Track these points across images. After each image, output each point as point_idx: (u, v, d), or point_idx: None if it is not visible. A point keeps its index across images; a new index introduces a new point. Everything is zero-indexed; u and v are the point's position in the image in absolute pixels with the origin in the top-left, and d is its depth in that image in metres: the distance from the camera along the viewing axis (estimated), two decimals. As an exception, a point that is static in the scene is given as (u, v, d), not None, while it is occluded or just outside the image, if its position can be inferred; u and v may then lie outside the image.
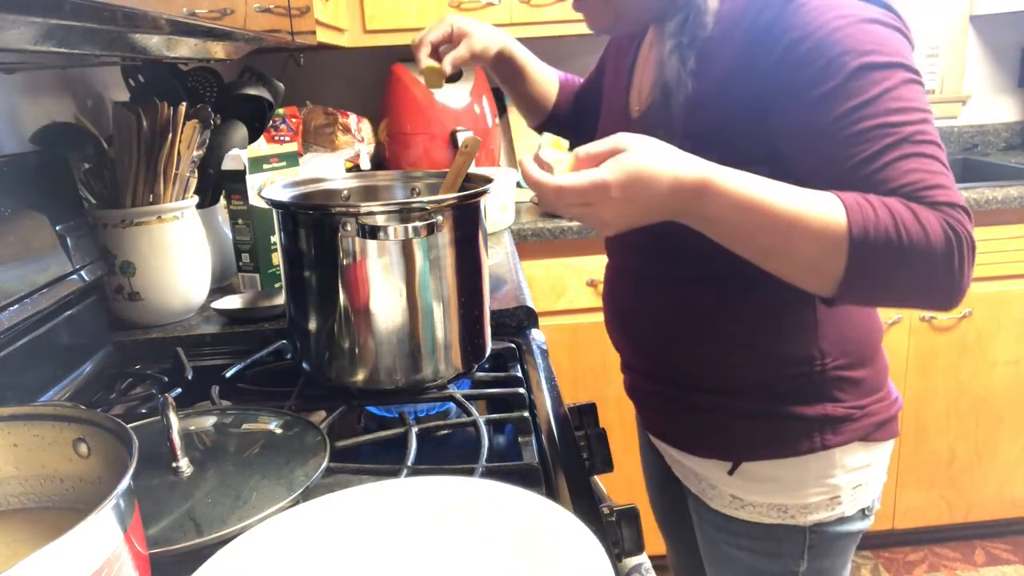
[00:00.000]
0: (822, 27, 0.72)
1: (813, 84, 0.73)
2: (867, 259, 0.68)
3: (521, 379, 1.00)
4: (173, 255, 1.19)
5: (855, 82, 0.71)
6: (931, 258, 0.68)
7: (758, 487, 0.92)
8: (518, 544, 0.61)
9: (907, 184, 0.69)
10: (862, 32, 0.72)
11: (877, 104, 0.70)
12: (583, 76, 1.31)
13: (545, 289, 1.97)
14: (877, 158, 0.70)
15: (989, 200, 1.95)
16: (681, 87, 0.82)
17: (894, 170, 0.69)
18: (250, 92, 1.44)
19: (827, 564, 0.96)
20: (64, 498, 0.57)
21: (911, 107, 0.70)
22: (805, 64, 0.73)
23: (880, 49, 0.71)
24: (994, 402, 2.12)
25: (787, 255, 0.71)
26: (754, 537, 0.95)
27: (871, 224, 0.67)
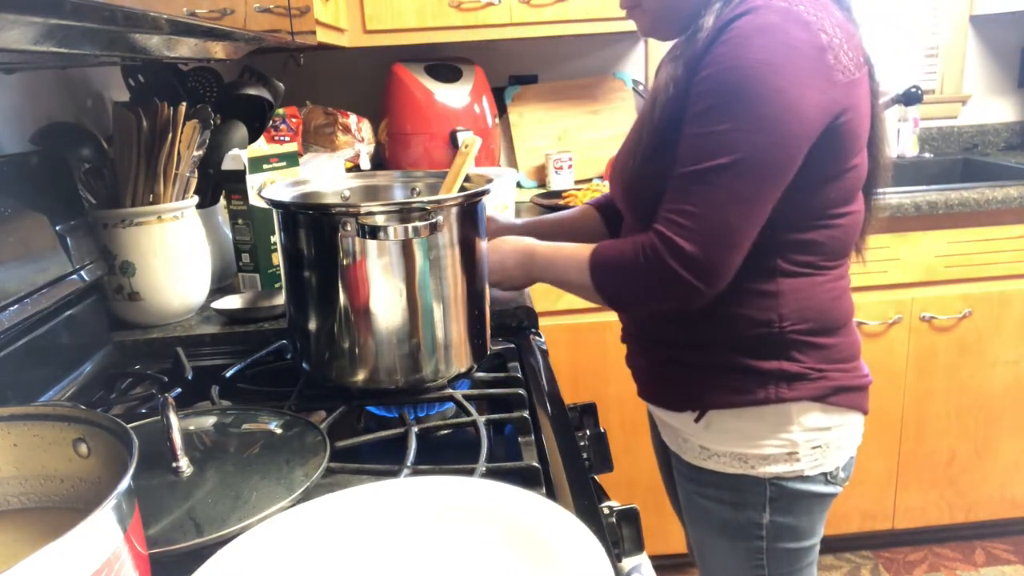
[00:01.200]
0: (723, 64, 0.86)
1: (692, 105, 0.89)
2: (599, 278, 0.96)
3: (521, 379, 1.00)
4: (173, 255, 1.19)
5: (698, 119, 0.87)
6: (630, 270, 0.92)
7: (722, 436, 1.02)
8: (518, 544, 0.61)
9: (661, 209, 0.90)
10: (746, 80, 0.84)
11: (697, 138, 0.87)
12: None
13: (545, 289, 1.96)
14: (673, 180, 0.90)
15: (989, 200, 1.95)
16: (664, 91, 0.95)
17: (667, 195, 0.90)
18: (250, 92, 1.44)
19: (791, 521, 1.04)
20: (64, 498, 0.57)
21: (724, 153, 0.85)
22: (698, 86, 0.88)
23: (737, 97, 0.84)
24: (994, 402, 2.12)
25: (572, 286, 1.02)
26: (721, 487, 1.05)
27: (605, 249, 0.96)
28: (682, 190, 0.88)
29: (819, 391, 0.98)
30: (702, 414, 1.02)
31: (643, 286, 0.92)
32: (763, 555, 1.05)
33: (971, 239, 2.00)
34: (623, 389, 1.99)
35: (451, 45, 2.25)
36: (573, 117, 2.45)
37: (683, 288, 0.89)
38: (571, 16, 2.10)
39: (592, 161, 2.41)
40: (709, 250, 0.86)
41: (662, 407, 1.10)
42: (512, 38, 2.14)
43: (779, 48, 0.83)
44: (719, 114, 0.85)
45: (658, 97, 0.96)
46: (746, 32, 0.85)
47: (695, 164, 0.86)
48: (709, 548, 1.12)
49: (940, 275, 2.02)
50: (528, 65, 2.48)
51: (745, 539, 1.05)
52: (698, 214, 0.86)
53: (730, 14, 0.88)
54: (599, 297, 0.98)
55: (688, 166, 0.87)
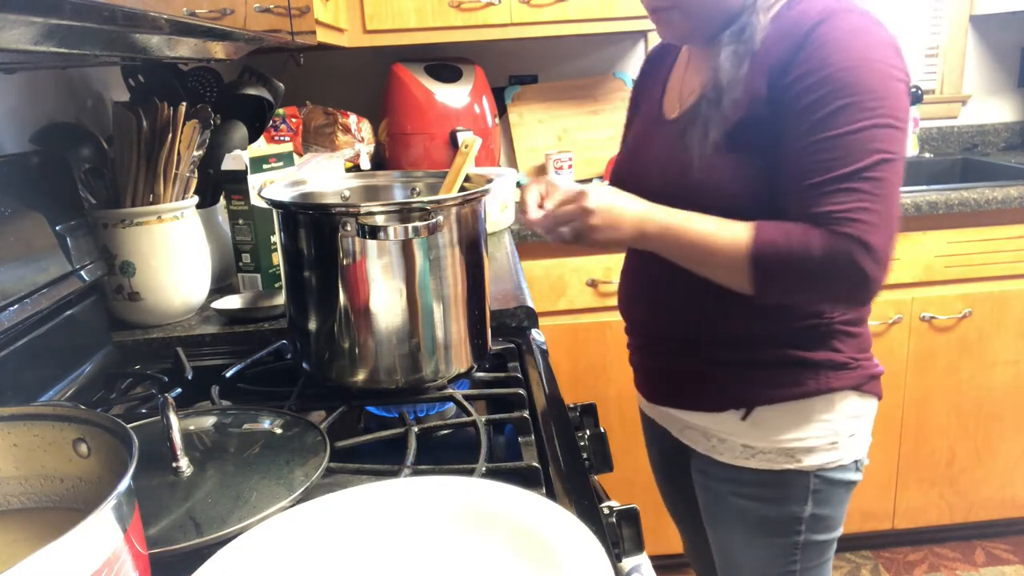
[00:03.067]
0: (830, 65, 0.86)
1: (806, 111, 0.88)
2: (765, 266, 0.88)
3: (521, 379, 1.00)
4: (173, 255, 1.19)
5: (834, 119, 0.86)
6: (814, 269, 0.86)
7: (768, 432, 1.01)
8: (518, 544, 0.61)
9: (829, 212, 0.86)
10: (860, 77, 0.86)
11: (844, 139, 0.86)
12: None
13: (545, 289, 1.97)
14: (823, 185, 0.86)
15: (989, 200, 1.95)
16: (733, 88, 0.94)
17: (829, 198, 0.86)
18: (250, 92, 1.44)
19: (828, 512, 1.05)
20: (64, 498, 0.57)
21: (872, 148, 0.85)
22: (807, 93, 0.88)
23: (869, 94, 0.86)
24: (994, 402, 2.12)
25: (709, 269, 0.93)
26: (763, 485, 1.04)
27: (767, 241, 0.88)
28: (851, 189, 0.86)
29: (858, 379, 1.01)
30: (748, 411, 1.01)
31: (827, 285, 0.88)
32: (798, 549, 1.06)
33: (971, 239, 2.00)
34: (623, 389, 1.99)
35: (451, 45, 2.25)
36: (573, 117, 2.44)
37: (870, 286, 0.87)
38: (571, 16, 2.10)
39: (592, 161, 2.41)
40: (888, 244, 0.87)
41: (697, 410, 1.07)
42: (512, 38, 2.14)
43: (879, 47, 0.88)
44: (854, 112, 0.86)
45: (724, 96, 0.94)
46: (842, 34, 0.87)
47: (856, 162, 0.85)
48: (741, 548, 1.10)
49: (940, 275, 2.02)
50: (528, 65, 2.48)
51: (783, 535, 1.05)
52: (876, 210, 0.86)
53: (803, 15, 0.90)
54: (748, 287, 0.91)
55: (847, 166, 0.86)
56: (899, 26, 2.55)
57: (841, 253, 0.85)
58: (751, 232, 0.89)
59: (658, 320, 1.09)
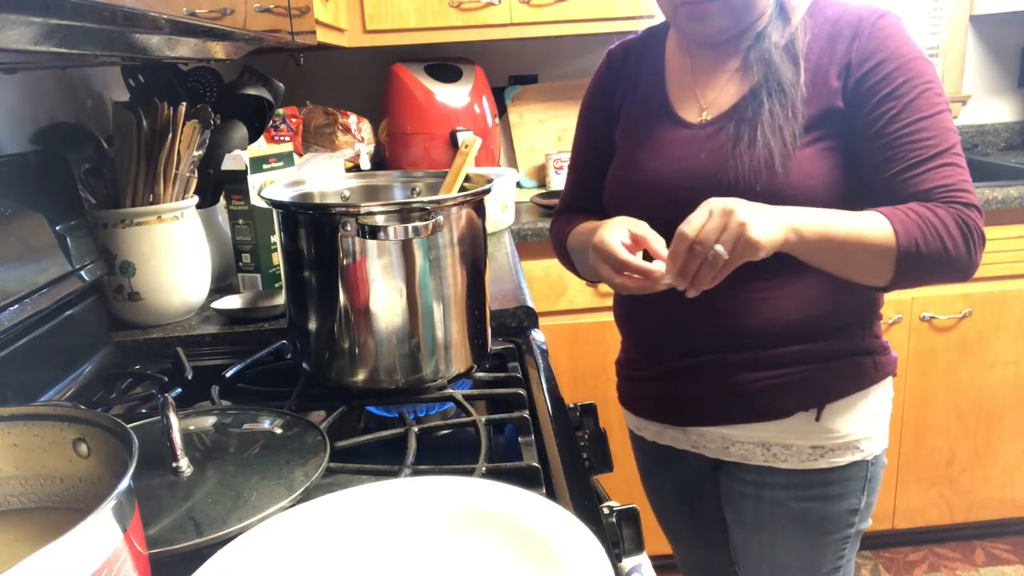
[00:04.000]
0: (905, 55, 0.94)
1: (890, 97, 0.93)
2: (910, 262, 0.89)
3: (521, 379, 1.00)
4: (173, 255, 1.19)
5: (921, 101, 0.93)
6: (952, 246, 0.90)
7: (839, 427, 1.02)
8: (518, 544, 0.61)
9: (942, 186, 0.91)
10: (926, 66, 0.95)
11: (933, 120, 0.93)
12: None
13: (545, 289, 1.97)
14: (928, 162, 0.92)
15: (989, 200, 1.95)
16: (795, 85, 0.97)
17: (937, 174, 0.92)
18: (250, 92, 1.44)
19: (873, 499, 1.08)
20: (64, 498, 0.57)
21: (953, 129, 0.94)
22: (888, 80, 0.94)
23: (935, 80, 0.95)
24: (994, 402, 2.12)
25: (855, 265, 0.92)
26: (828, 483, 1.04)
27: (913, 237, 0.89)
28: (954, 165, 0.93)
29: (894, 364, 1.07)
30: (820, 411, 1.01)
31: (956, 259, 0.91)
32: (848, 542, 1.08)
33: (971, 239, 2.00)
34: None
35: (451, 45, 2.25)
36: (573, 117, 2.43)
37: (978, 258, 0.93)
38: (571, 16, 2.10)
39: (592, 161, 2.41)
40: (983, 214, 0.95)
41: (760, 420, 1.03)
42: (512, 38, 2.14)
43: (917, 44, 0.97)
44: (934, 97, 0.94)
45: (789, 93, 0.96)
46: (898, 29, 0.96)
47: (949, 140, 0.93)
48: (795, 552, 1.08)
49: (940, 275, 2.02)
50: (528, 65, 2.48)
51: (839, 529, 1.06)
52: (969, 179, 0.94)
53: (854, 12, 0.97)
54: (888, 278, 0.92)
55: (944, 144, 0.93)
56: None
57: (969, 222, 0.90)
58: (888, 220, 0.90)
59: (697, 337, 1.04)
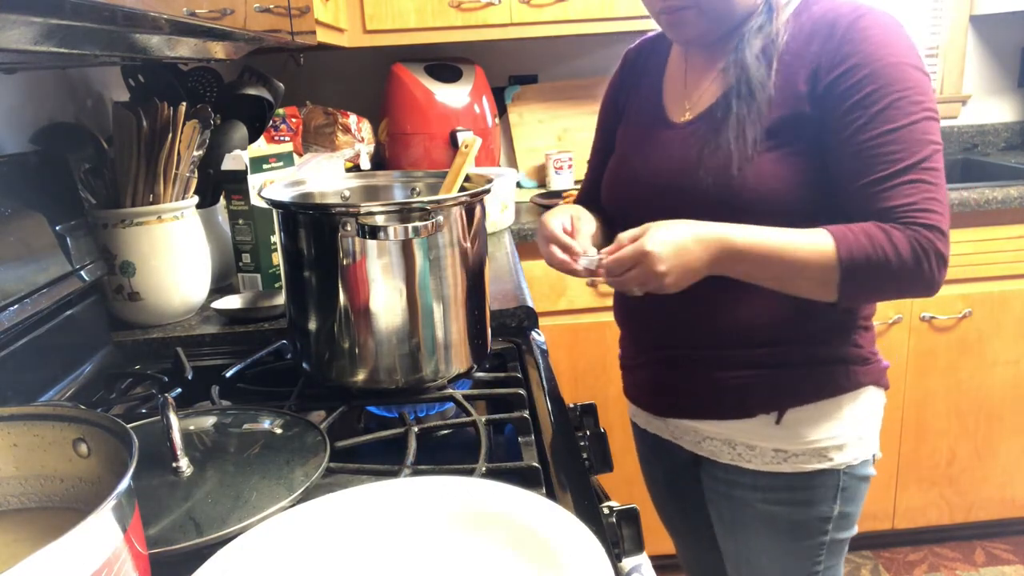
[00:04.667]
0: (878, 60, 0.88)
1: (859, 105, 0.89)
2: (854, 275, 0.87)
3: (521, 379, 1.00)
4: (173, 255, 1.19)
5: (892, 111, 0.88)
6: (901, 269, 0.86)
7: (801, 433, 1.01)
8: (518, 544, 0.61)
9: (903, 205, 0.87)
10: (905, 73, 0.89)
11: (904, 132, 0.87)
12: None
13: (545, 289, 1.97)
14: (892, 178, 0.88)
15: (989, 200, 1.95)
16: (764, 87, 0.94)
17: (900, 191, 0.87)
18: (250, 92, 1.44)
19: (852, 509, 1.05)
20: (64, 498, 0.57)
21: (927, 140, 0.88)
22: (857, 87, 0.89)
23: (915, 88, 0.88)
24: (994, 402, 2.12)
25: (795, 285, 0.91)
26: (794, 488, 1.03)
27: (854, 249, 0.86)
28: (918, 181, 0.88)
29: (878, 374, 1.03)
30: (781, 415, 1.00)
31: (909, 280, 0.88)
32: (823, 549, 1.06)
33: (971, 239, 2.00)
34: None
35: (451, 45, 2.25)
36: (573, 117, 2.44)
37: (944, 271, 0.90)
38: (571, 16, 2.10)
39: (592, 161, 2.41)
40: (947, 232, 0.90)
41: (724, 418, 1.04)
42: (512, 38, 2.14)
43: (908, 44, 0.91)
44: (907, 106, 0.88)
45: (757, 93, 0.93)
46: (880, 31, 0.90)
47: (916, 155, 0.87)
48: (765, 555, 1.08)
49: (940, 275, 2.02)
50: (528, 65, 2.48)
51: (811, 536, 1.05)
52: (939, 198, 0.88)
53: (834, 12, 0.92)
54: (833, 295, 0.89)
55: (909, 158, 0.87)
56: (899, 26, 2.55)
57: (925, 245, 0.87)
58: (834, 241, 0.87)
59: (675, 331, 1.05)
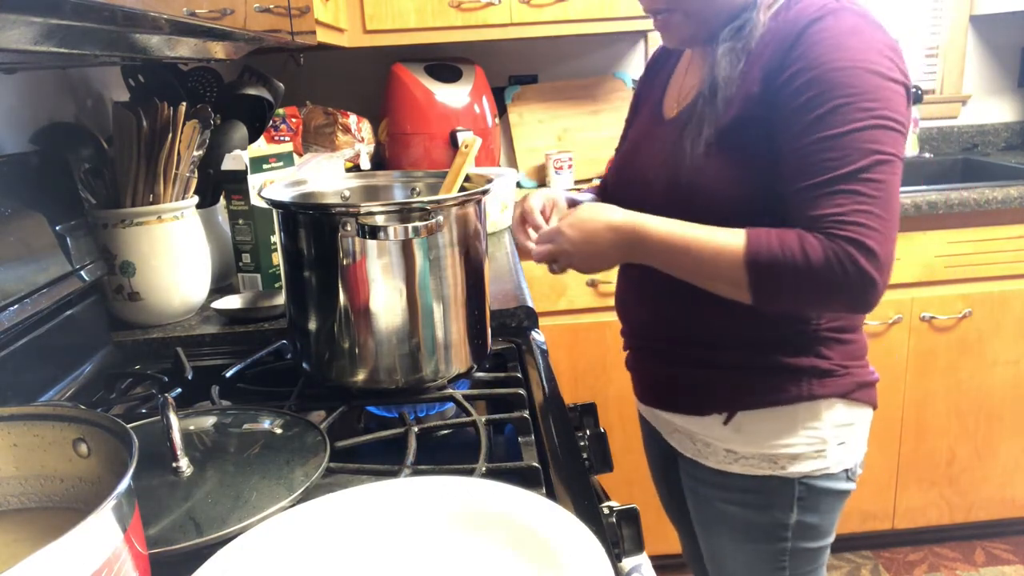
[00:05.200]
0: (824, 64, 0.85)
1: (800, 110, 0.86)
2: (760, 277, 0.86)
3: (521, 379, 1.00)
4: (173, 255, 1.19)
5: (834, 117, 0.84)
6: (813, 278, 0.83)
7: (751, 438, 1.00)
8: (518, 544, 0.61)
9: (831, 215, 0.84)
10: (854, 78, 0.84)
11: (844, 139, 0.83)
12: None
13: (545, 289, 1.97)
14: (824, 186, 0.84)
15: (989, 200, 1.95)
16: (729, 84, 0.93)
17: (830, 200, 0.84)
18: (250, 92, 1.44)
19: (815, 520, 1.03)
20: (64, 498, 0.57)
21: (870, 149, 0.83)
22: (801, 91, 0.86)
23: (864, 95, 0.83)
24: (994, 402, 2.12)
25: (710, 282, 0.91)
26: (747, 490, 1.03)
27: (761, 251, 0.85)
28: (849, 191, 0.83)
29: (845, 387, 0.99)
30: (731, 416, 1.00)
31: (828, 292, 0.85)
32: (787, 556, 1.05)
33: (971, 239, 2.00)
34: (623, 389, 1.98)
35: (451, 45, 2.25)
36: (573, 117, 2.44)
37: (873, 291, 0.85)
38: (571, 16, 2.10)
39: (592, 161, 2.41)
40: (890, 246, 0.85)
41: (681, 412, 1.06)
42: (512, 38, 2.14)
43: (871, 47, 0.85)
44: (850, 112, 0.84)
45: (719, 93, 0.93)
46: (837, 34, 0.85)
47: (852, 163, 0.83)
48: (729, 554, 1.10)
49: (940, 275, 2.02)
50: (528, 65, 2.48)
51: (769, 541, 1.04)
52: (876, 213, 0.83)
53: (805, 14, 0.88)
54: (748, 296, 0.88)
55: (844, 167, 0.83)
56: (899, 26, 2.55)
57: (843, 258, 0.83)
58: (745, 239, 0.86)
59: (649, 322, 1.08)
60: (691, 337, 1.02)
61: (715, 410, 1.02)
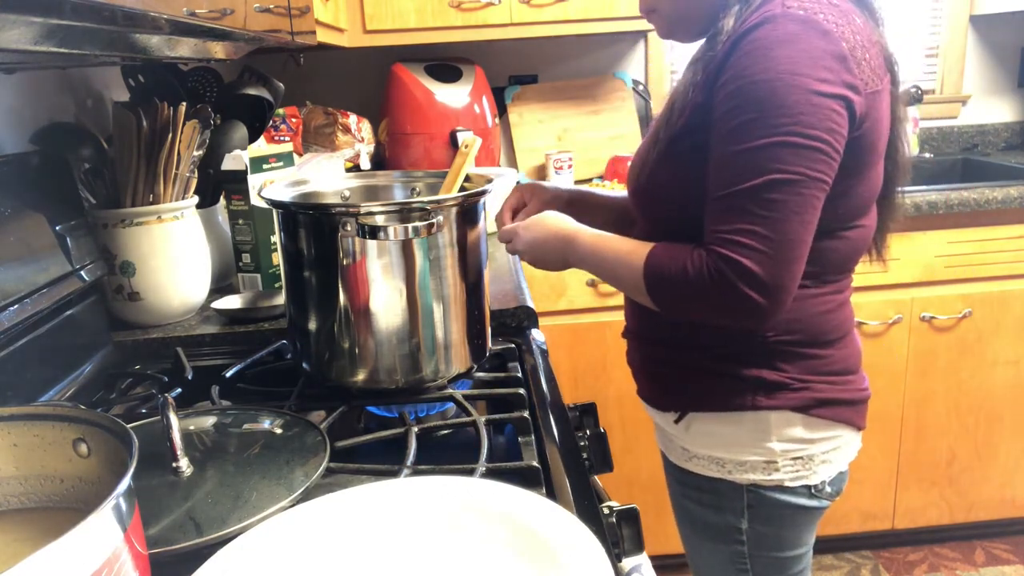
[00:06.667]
0: (746, 76, 0.83)
1: (721, 121, 0.85)
2: (654, 287, 0.90)
3: (521, 379, 1.00)
4: (173, 255, 1.19)
5: (740, 131, 0.83)
6: (695, 292, 0.85)
7: (701, 439, 1.02)
8: (518, 544, 0.61)
9: (713, 230, 0.85)
10: (770, 91, 0.81)
11: (742, 154, 0.83)
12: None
13: (545, 289, 1.97)
14: (718, 200, 0.85)
15: (989, 200, 1.95)
16: (683, 95, 0.93)
17: (716, 215, 0.85)
18: (250, 92, 1.44)
19: (771, 531, 1.03)
20: (64, 498, 0.57)
21: (769, 167, 0.81)
22: (724, 103, 0.85)
23: (776, 110, 0.81)
24: (994, 402, 2.12)
25: (625, 288, 0.96)
26: (701, 489, 1.05)
27: (655, 262, 0.89)
28: (739, 209, 0.83)
29: (800, 402, 0.96)
30: (682, 415, 1.02)
31: (708, 306, 0.87)
32: (746, 560, 1.05)
33: (971, 239, 2.00)
34: (623, 389, 1.99)
35: (451, 45, 2.25)
36: (573, 117, 2.44)
37: (752, 310, 0.84)
38: (571, 16, 2.10)
39: (592, 161, 2.41)
40: (778, 268, 0.83)
41: (651, 406, 1.10)
42: (512, 38, 2.14)
43: (803, 58, 0.81)
44: (757, 128, 0.82)
45: (676, 101, 0.94)
46: (768, 43, 0.82)
47: (747, 181, 0.82)
48: (695, 548, 1.13)
49: (940, 275, 2.02)
50: (528, 65, 2.48)
51: (726, 543, 1.05)
52: (762, 233, 0.82)
53: (749, 22, 0.85)
54: (650, 301, 0.92)
55: (737, 184, 0.83)
56: (899, 26, 2.55)
57: (715, 276, 0.83)
58: (648, 252, 0.90)
59: (633, 318, 1.11)
60: (660, 336, 1.05)
61: (671, 407, 1.04)
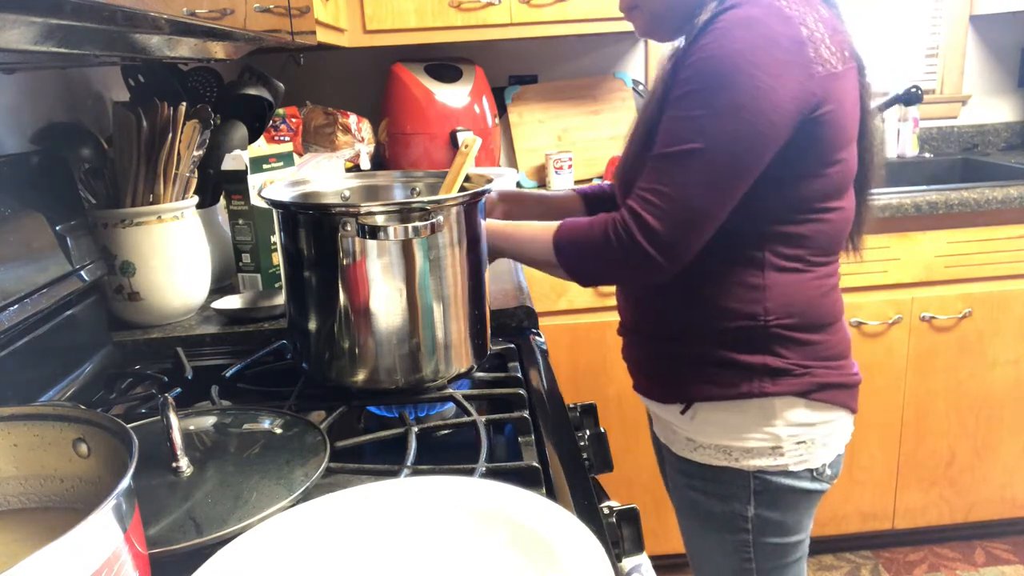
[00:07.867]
0: (705, 53, 0.88)
1: (673, 89, 0.92)
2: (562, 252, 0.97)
3: (521, 379, 1.00)
4: (173, 255, 1.19)
5: (684, 100, 0.89)
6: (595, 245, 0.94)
7: (707, 428, 1.04)
8: (518, 544, 0.61)
9: (638, 186, 0.92)
10: (715, 66, 0.87)
11: (681, 122, 0.89)
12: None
13: (545, 289, 1.97)
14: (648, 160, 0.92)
15: (989, 200, 1.95)
16: (658, 86, 0.98)
17: (644, 175, 0.92)
18: (250, 92, 1.44)
19: (776, 516, 1.05)
20: (64, 498, 0.57)
21: (692, 137, 0.88)
22: (682, 74, 0.91)
23: (716, 85, 0.87)
24: (994, 402, 2.12)
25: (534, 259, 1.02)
26: (706, 479, 1.07)
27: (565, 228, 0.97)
28: (656, 170, 0.90)
29: (803, 387, 1.00)
30: (688, 406, 1.04)
31: (607, 260, 0.94)
32: (750, 548, 1.07)
33: (971, 239, 2.00)
34: (623, 389, 1.99)
35: (451, 45, 2.25)
36: (573, 117, 2.45)
37: (646, 264, 0.91)
38: (571, 16, 2.10)
39: (592, 161, 2.41)
40: (675, 229, 0.89)
41: (652, 399, 1.11)
42: (512, 38, 2.14)
43: (757, 40, 0.86)
44: (695, 100, 0.88)
45: (655, 93, 1.00)
46: (728, 25, 0.88)
47: (669, 146, 0.89)
48: (698, 539, 1.14)
49: (940, 275, 2.02)
50: (528, 65, 2.48)
51: (731, 532, 1.07)
52: (668, 194, 0.89)
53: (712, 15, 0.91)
54: (561, 271, 0.99)
55: (663, 148, 0.90)
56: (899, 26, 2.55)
57: (622, 227, 0.91)
58: (559, 223, 0.98)
59: (631, 313, 1.13)
60: (659, 330, 1.07)
61: (675, 399, 1.06)
